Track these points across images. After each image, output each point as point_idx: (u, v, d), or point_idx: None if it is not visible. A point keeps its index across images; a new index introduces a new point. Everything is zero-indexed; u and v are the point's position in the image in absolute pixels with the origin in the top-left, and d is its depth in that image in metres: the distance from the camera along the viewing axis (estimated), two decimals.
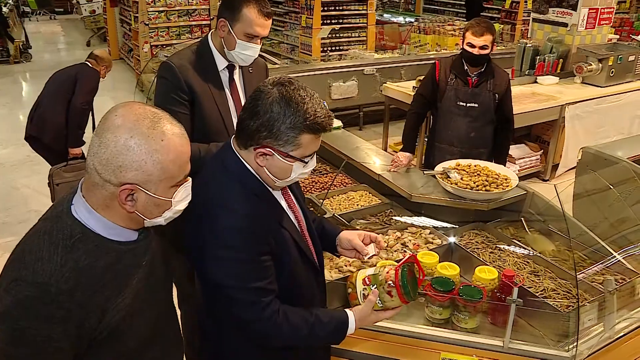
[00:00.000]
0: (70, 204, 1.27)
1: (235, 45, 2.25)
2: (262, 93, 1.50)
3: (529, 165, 5.68)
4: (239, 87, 2.40)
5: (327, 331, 1.66)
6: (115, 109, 1.25)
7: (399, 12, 15.38)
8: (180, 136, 1.27)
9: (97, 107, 8.37)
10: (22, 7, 18.45)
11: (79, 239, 1.22)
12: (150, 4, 9.21)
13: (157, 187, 1.25)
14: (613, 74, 5.90)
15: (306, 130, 1.49)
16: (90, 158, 1.23)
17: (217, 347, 1.75)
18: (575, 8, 6.03)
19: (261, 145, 1.51)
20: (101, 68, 4.74)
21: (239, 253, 1.49)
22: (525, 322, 2.20)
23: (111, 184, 1.21)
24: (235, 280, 1.51)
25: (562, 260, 2.51)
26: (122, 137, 1.19)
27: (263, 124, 1.47)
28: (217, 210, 1.52)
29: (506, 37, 9.92)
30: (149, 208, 1.27)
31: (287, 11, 10.48)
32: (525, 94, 5.62)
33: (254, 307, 1.53)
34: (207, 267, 1.54)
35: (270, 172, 1.55)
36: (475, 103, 3.37)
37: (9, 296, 1.18)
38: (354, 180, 3.31)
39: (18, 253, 1.25)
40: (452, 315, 2.21)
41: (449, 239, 2.63)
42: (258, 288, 1.53)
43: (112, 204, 1.25)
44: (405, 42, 9.38)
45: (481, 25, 3.27)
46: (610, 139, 5.55)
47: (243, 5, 2.19)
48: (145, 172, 1.22)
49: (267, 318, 1.54)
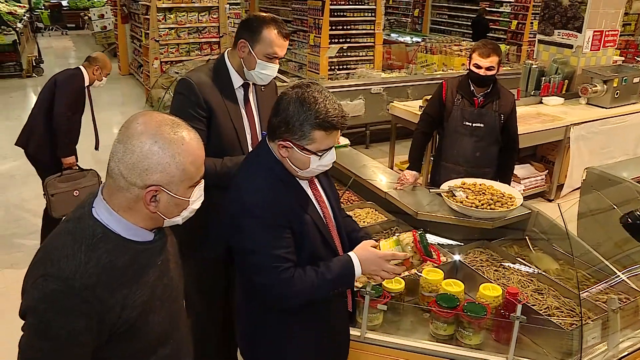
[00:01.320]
0: (91, 207, 1.36)
1: (255, 65, 2.31)
2: (284, 95, 1.73)
3: (534, 185, 5.70)
4: (252, 105, 2.46)
5: (335, 273, 1.75)
6: (135, 118, 1.34)
7: (406, 32, 15.53)
8: (197, 140, 1.37)
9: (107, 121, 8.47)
10: (36, 23, 18.73)
11: (100, 239, 1.31)
12: (161, 21, 9.35)
13: (178, 188, 1.34)
14: (618, 96, 5.94)
15: (317, 127, 1.67)
16: (114, 164, 1.30)
17: (251, 327, 1.92)
18: (580, 30, 6.10)
19: (282, 139, 1.71)
20: (94, 69, 4.37)
21: (263, 221, 1.69)
22: (528, 340, 2.22)
23: (136, 186, 1.30)
24: (259, 245, 1.69)
25: (566, 278, 2.54)
26: (147, 143, 1.29)
27: (282, 121, 1.70)
28: (245, 189, 1.74)
29: (512, 57, 10.01)
30: (169, 208, 1.36)
31: (296, 30, 10.61)
32: (531, 114, 5.67)
33: (273, 272, 1.69)
34: (236, 237, 1.74)
35: (291, 162, 1.75)
36: (481, 123, 3.42)
37: (36, 291, 1.26)
38: (360, 198, 3.35)
39: (44, 252, 1.33)
40: (456, 332, 2.24)
41: (454, 256, 2.67)
42: (278, 255, 1.70)
43: (136, 206, 1.33)
44: (412, 61, 9.47)
45: (487, 47, 3.32)
46: (615, 159, 5.57)
47: (264, 27, 2.26)
48: (169, 173, 1.31)
49: (284, 280, 1.70)
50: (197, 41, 9.68)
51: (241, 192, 1.75)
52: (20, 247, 4.62)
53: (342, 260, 1.80)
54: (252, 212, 1.70)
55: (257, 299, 1.85)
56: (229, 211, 1.76)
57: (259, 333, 1.92)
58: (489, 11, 14.07)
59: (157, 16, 9.25)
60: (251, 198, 1.72)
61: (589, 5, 5.97)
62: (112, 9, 13.68)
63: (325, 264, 1.77)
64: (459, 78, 3.55)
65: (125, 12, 11.87)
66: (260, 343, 1.92)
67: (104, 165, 1.35)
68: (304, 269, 1.74)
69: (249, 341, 1.97)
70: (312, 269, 1.75)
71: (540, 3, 7.18)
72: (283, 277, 1.69)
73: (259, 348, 1.93)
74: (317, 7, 9.53)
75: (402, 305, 2.37)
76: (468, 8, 15.33)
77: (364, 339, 2.22)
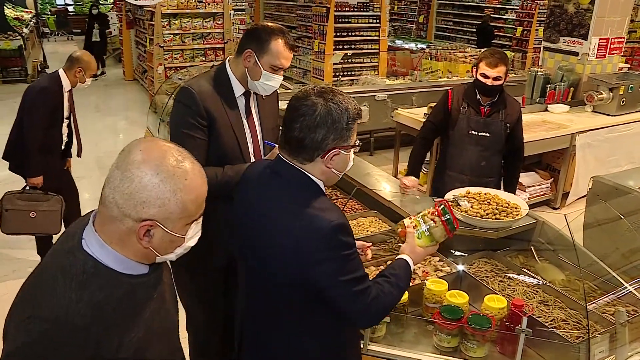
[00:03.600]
0: (81, 239, 1.26)
1: (260, 76, 2.29)
2: (308, 107, 1.62)
3: (539, 194, 5.67)
4: (254, 113, 2.44)
5: (403, 276, 1.83)
6: (138, 144, 1.25)
7: (410, 38, 15.54)
8: (201, 176, 1.29)
9: (111, 126, 8.47)
10: (42, 28, 18.84)
11: (92, 274, 1.21)
12: (166, 27, 9.38)
13: (174, 225, 1.25)
14: (624, 103, 5.91)
15: (356, 119, 1.67)
16: (109, 191, 1.21)
17: None
18: (586, 37, 6.08)
19: (329, 150, 1.64)
20: (76, 72, 3.98)
21: (344, 249, 1.61)
22: (534, 353, 2.18)
23: (130, 218, 1.21)
24: (346, 274, 1.62)
25: (572, 290, 2.50)
26: (147, 173, 1.20)
27: (329, 130, 1.61)
28: (313, 223, 1.59)
29: (517, 65, 9.98)
30: (163, 244, 1.27)
31: (300, 36, 10.63)
32: (536, 122, 5.64)
33: (365, 294, 1.66)
34: (309, 273, 1.61)
35: (336, 169, 1.69)
36: (487, 132, 3.39)
37: (23, 334, 1.15)
38: (364, 206, 3.33)
39: (29, 290, 1.23)
40: (460, 344, 2.20)
41: (458, 266, 2.63)
42: (365, 274, 1.69)
43: (128, 239, 1.24)
44: (417, 68, 9.47)
45: (495, 57, 3.28)
46: (620, 168, 5.54)
47: (272, 38, 2.25)
48: (167, 210, 1.22)
49: (374, 299, 1.68)
50: (201, 47, 9.71)
51: (315, 226, 1.59)
52: (18, 257, 4.60)
53: (401, 265, 1.86)
54: (330, 240, 1.59)
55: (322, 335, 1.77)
56: (304, 249, 1.60)
57: None
58: (494, 18, 14.08)
59: (162, 22, 9.29)
60: (322, 223, 1.59)
61: (594, 12, 5.94)
62: (117, 15, 13.75)
63: (391, 273, 1.81)
64: (465, 86, 3.52)
65: (130, 18, 11.93)
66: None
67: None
68: (376, 285, 1.72)
69: None
70: (385, 281, 1.77)
71: (545, 10, 7.16)
72: (373, 295, 1.68)
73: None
74: (322, 13, 9.55)
75: (405, 317, 2.34)
76: (473, 15, 15.34)
77: (366, 350, 2.19)
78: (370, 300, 1.67)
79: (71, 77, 4.01)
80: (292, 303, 1.72)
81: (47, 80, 4.04)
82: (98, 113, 9.47)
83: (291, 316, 1.74)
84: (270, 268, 1.70)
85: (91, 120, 4.32)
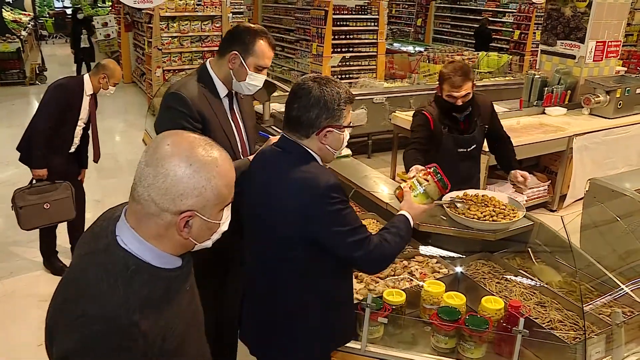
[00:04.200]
0: (115, 235, 1.27)
1: (246, 77, 2.33)
2: (304, 90, 1.86)
3: (537, 196, 5.68)
4: (237, 113, 2.48)
5: (403, 228, 2.05)
6: (164, 138, 1.27)
7: (408, 41, 15.56)
8: (229, 161, 1.32)
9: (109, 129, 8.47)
10: (40, 31, 18.84)
11: (134, 270, 1.23)
12: (164, 30, 9.39)
13: (211, 212, 1.28)
14: (621, 106, 5.93)
15: (347, 102, 1.90)
16: (143, 189, 1.23)
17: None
18: (583, 41, 6.10)
19: (322, 128, 1.87)
20: (100, 78, 4.12)
21: (343, 203, 1.84)
22: (531, 354, 2.20)
23: (169, 212, 1.23)
24: (349, 223, 1.84)
25: (569, 291, 2.51)
26: (181, 166, 1.22)
27: (322, 110, 1.85)
28: (310, 179, 1.82)
29: (515, 67, 10.01)
30: (202, 232, 1.30)
31: (298, 39, 10.65)
32: (534, 124, 5.66)
33: (368, 242, 1.87)
34: (308, 228, 1.82)
35: (331, 147, 1.92)
36: (474, 144, 3.36)
37: (77, 333, 1.17)
38: (362, 209, 3.34)
39: (74, 288, 1.24)
40: (457, 345, 2.21)
41: (456, 268, 2.64)
42: (363, 226, 1.89)
43: (167, 233, 1.26)
44: (415, 71, 9.50)
45: (457, 76, 3.09)
46: (617, 170, 5.56)
47: (257, 39, 2.29)
48: (205, 198, 1.24)
49: (377, 246, 1.89)
50: (199, 50, 9.72)
51: (311, 184, 1.81)
52: (20, 255, 4.61)
53: (401, 219, 2.08)
54: (331, 197, 1.80)
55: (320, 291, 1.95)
56: (301, 206, 1.80)
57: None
58: (492, 21, 14.11)
59: (160, 25, 9.30)
60: (323, 183, 1.80)
61: (591, 16, 5.97)
62: (115, 17, 13.76)
63: (391, 225, 2.03)
64: (433, 105, 3.32)
65: (128, 21, 11.94)
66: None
67: (105, 172, 1.28)
68: (378, 234, 1.94)
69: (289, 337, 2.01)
70: (386, 232, 1.98)
71: (543, 13, 7.19)
72: (375, 242, 1.88)
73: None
74: (320, 16, 9.57)
75: (402, 318, 2.34)
76: (471, 18, 15.39)
77: (364, 352, 2.20)
78: (373, 248, 1.87)
79: (95, 83, 4.13)
80: (294, 260, 1.90)
81: (69, 79, 4.18)
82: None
83: (293, 272, 1.92)
84: (275, 227, 1.89)
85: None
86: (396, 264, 2.65)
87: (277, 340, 2.02)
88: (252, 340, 2.15)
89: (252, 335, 2.14)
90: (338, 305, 2.04)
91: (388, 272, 2.59)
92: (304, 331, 1.98)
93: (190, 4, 9.43)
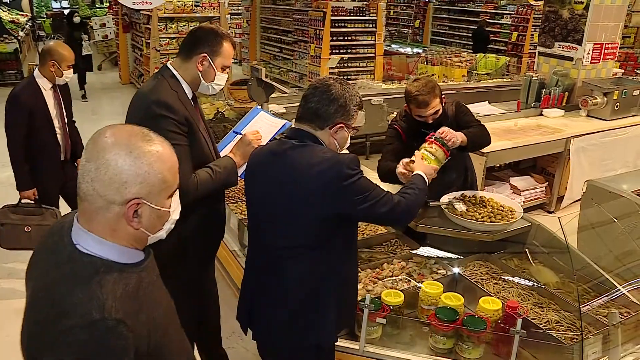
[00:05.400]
0: (74, 245, 1.25)
1: (214, 77, 2.36)
2: (326, 86, 1.99)
3: (534, 197, 5.69)
4: (200, 114, 2.47)
5: (420, 183, 2.27)
6: (102, 132, 1.27)
7: (406, 43, 15.59)
8: (169, 147, 1.32)
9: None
10: (38, 32, 18.79)
11: (104, 272, 1.22)
12: (162, 31, 9.40)
13: (157, 199, 1.28)
14: (618, 108, 5.95)
15: (359, 107, 2.08)
16: (87, 185, 1.22)
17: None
18: (580, 43, 6.12)
19: (336, 123, 1.99)
20: (49, 67, 3.68)
21: (361, 173, 1.95)
22: (528, 354, 2.20)
23: (116, 203, 1.22)
24: (369, 187, 1.96)
25: (566, 292, 2.52)
26: (121, 154, 1.21)
27: (340, 106, 1.99)
28: (330, 158, 1.91)
29: (512, 69, 10.03)
30: (152, 222, 1.29)
31: (296, 40, 10.66)
32: (531, 126, 5.67)
33: (390, 198, 2.02)
34: (347, 196, 1.91)
35: (338, 142, 2.06)
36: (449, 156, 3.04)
37: (65, 349, 1.14)
38: None
39: (48, 308, 1.20)
40: (455, 345, 2.22)
41: (454, 269, 2.65)
42: (378, 186, 2.01)
43: (119, 226, 1.25)
44: (413, 72, 9.52)
45: (422, 96, 2.92)
46: (615, 172, 5.57)
47: (223, 40, 2.34)
48: (149, 183, 1.24)
49: (399, 200, 2.05)
50: None
51: (332, 162, 1.89)
52: (17, 256, 4.60)
53: (417, 177, 2.31)
54: (352, 169, 1.90)
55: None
56: (326, 184, 1.88)
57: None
58: (490, 23, 14.15)
59: (159, 26, 9.31)
60: (343, 159, 1.90)
61: (589, 18, 5.99)
62: (113, 18, 13.75)
63: (409, 184, 2.24)
64: (404, 119, 3.20)
65: (126, 22, 11.94)
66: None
67: None
68: (398, 193, 2.12)
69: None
70: (406, 188, 2.19)
71: (540, 15, 7.21)
72: (397, 198, 2.05)
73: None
74: (318, 17, 9.59)
75: (401, 319, 2.35)
76: (469, 19, 15.42)
77: (362, 352, 2.21)
78: (397, 201, 2.03)
79: (47, 73, 3.74)
80: (310, 234, 1.96)
81: (20, 86, 3.82)
82: (95, 116, 9.47)
83: (308, 246, 1.98)
84: (291, 212, 1.96)
85: (88, 124, 4.28)
86: (394, 265, 2.66)
87: (290, 332, 2.04)
88: (263, 335, 2.16)
89: (263, 330, 2.14)
90: (347, 284, 2.13)
91: (386, 273, 2.60)
92: (316, 320, 2.01)
93: (189, 5, 9.44)
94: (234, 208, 3.53)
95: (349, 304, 2.14)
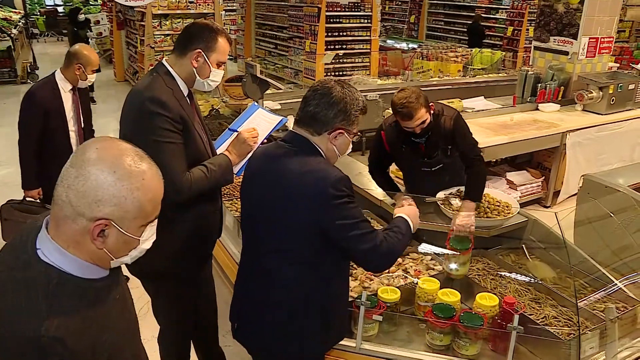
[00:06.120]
0: (35, 249, 1.20)
1: (209, 74, 2.33)
2: (326, 88, 1.90)
3: (530, 192, 5.69)
4: (196, 110, 2.44)
5: (404, 227, 2.04)
6: (94, 142, 1.22)
7: (402, 38, 15.56)
8: (158, 177, 1.26)
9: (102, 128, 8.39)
10: (31, 29, 18.72)
11: (57, 284, 1.16)
12: (157, 28, 9.36)
13: (129, 225, 1.21)
14: (613, 102, 5.95)
15: (362, 111, 1.96)
16: (63, 189, 1.17)
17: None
18: (575, 37, 6.11)
19: (335, 128, 1.90)
20: (75, 69, 3.69)
21: (350, 197, 1.84)
22: (526, 350, 2.20)
23: (84, 217, 1.17)
24: (355, 216, 1.84)
25: (563, 287, 2.52)
26: (104, 171, 1.16)
27: (340, 111, 1.89)
28: (320, 171, 1.84)
29: (508, 64, 10.03)
30: (118, 246, 1.23)
31: (292, 36, 10.63)
32: (527, 121, 5.67)
33: (374, 235, 1.87)
34: (332, 217, 1.81)
35: (338, 149, 1.96)
36: (439, 165, 3.13)
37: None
38: None
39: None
40: (452, 342, 2.21)
41: (450, 265, 2.64)
42: (367, 220, 1.90)
43: (83, 240, 1.19)
44: (408, 68, 9.50)
45: (406, 108, 2.85)
46: (611, 166, 5.57)
47: (218, 36, 2.30)
48: (123, 208, 1.18)
49: (382, 240, 1.89)
50: None
51: (321, 176, 1.82)
52: None
53: (403, 221, 2.06)
54: (338, 189, 1.81)
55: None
56: (312, 196, 1.81)
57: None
58: (485, 17, 14.13)
59: (153, 23, 9.27)
60: (329, 179, 1.81)
61: (584, 12, 5.98)
62: (107, 16, 13.69)
63: (391, 226, 2.03)
64: (392, 125, 3.19)
65: (120, 19, 11.88)
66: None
67: None
68: (382, 232, 1.95)
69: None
70: (391, 230, 1.98)
71: (535, 10, 7.20)
72: (380, 237, 1.89)
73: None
74: (313, 13, 9.56)
75: (397, 316, 2.35)
76: (464, 14, 15.39)
77: (359, 349, 2.20)
78: (380, 242, 1.87)
79: (71, 75, 3.73)
80: (297, 254, 1.91)
81: (38, 84, 3.83)
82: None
83: (294, 267, 1.92)
84: (283, 219, 1.90)
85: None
86: None
87: (276, 339, 2.01)
88: (249, 340, 2.13)
89: (249, 335, 2.12)
90: (337, 299, 2.05)
91: None
92: (303, 329, 1.98)
93: (183, 2, 9.40)
94: (229, 206, 3.51)
95: (338, 318, 2.09)
